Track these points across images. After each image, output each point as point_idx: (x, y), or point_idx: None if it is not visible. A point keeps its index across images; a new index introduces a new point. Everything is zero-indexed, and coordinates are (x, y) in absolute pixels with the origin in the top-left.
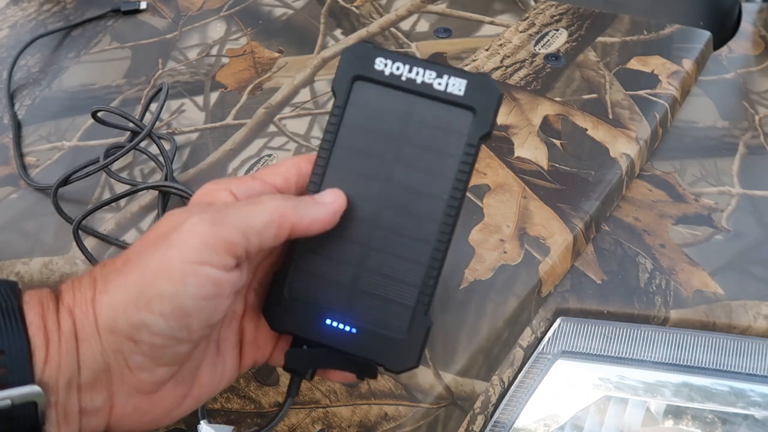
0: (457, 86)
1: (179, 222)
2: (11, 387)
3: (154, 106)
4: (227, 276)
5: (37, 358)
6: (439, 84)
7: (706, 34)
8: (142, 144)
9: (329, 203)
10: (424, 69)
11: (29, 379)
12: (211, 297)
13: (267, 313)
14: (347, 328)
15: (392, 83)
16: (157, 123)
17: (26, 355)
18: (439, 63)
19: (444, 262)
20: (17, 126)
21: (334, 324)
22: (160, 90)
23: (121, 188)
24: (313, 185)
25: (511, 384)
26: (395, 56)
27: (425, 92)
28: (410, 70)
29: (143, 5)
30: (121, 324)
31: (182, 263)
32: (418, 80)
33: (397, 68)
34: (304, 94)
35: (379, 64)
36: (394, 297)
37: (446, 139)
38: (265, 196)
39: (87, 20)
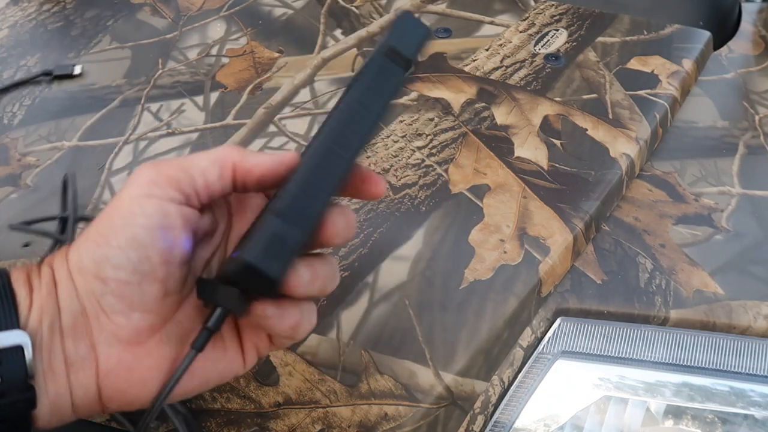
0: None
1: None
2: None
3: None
4: (176, 208)
5: (23, 306)
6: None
7: (706, 34)
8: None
9: (277, 153)
10: None
11: (15, 325)
12: (162, 227)
13: (198, 284)
14: (234, 254)
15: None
16: (157, 123)
17: (11, 304)
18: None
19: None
20: None
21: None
22: (66, 182)
23: None
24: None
25: (511, 384)
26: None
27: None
28: None
29: (77, 70)
30: (86, 262)
31: (129, 198)
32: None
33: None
34: (304, 94)
35: None
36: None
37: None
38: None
39: (14, 84)
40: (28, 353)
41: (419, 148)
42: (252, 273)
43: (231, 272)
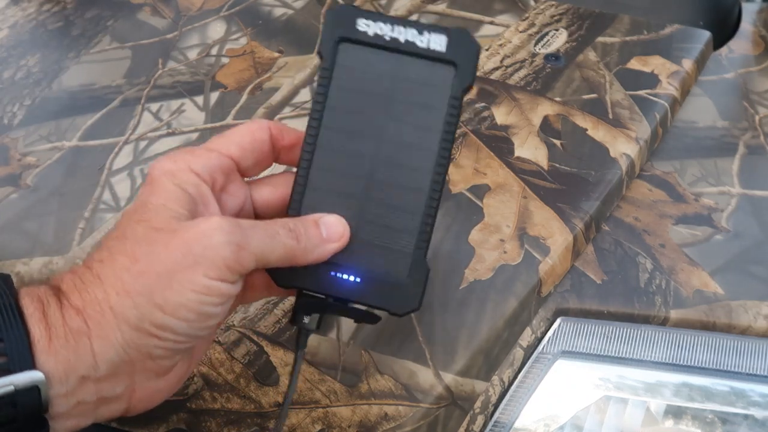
0: (438, 42)
1: (201, 235)
2: (13, 374)
3: None
4: (236, 288)
5: (39, 347)
6: (422, 41)
7: (706, 34)
8: None
9: (334, 242)
10: (406, 27)
11: (30, 366)
12: (224, 303)
13: (273, 271)
14: (352, 278)
15: (377, 43)
16: (157, 123)
17: (26, 344)
18: (417, 21)
19: (437, 210)
20: None
21: (339, 275)
22: None
23: (121, 190)
24: (308, 148)
25: (511, 384)
26: (376, 16)
27: (409, 50)
28: (392, 29)
29: None
30: (146, 324)
31: (206, 279)
32: (401, 39)
33: (380, 28)
34: (304, 94)
35: (362, 25)
36: (393, 245)
37: (432, 93)
38: (280, 228)
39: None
40: (44, 392)
41: None
42: (405, 312)
43: (378, 308)
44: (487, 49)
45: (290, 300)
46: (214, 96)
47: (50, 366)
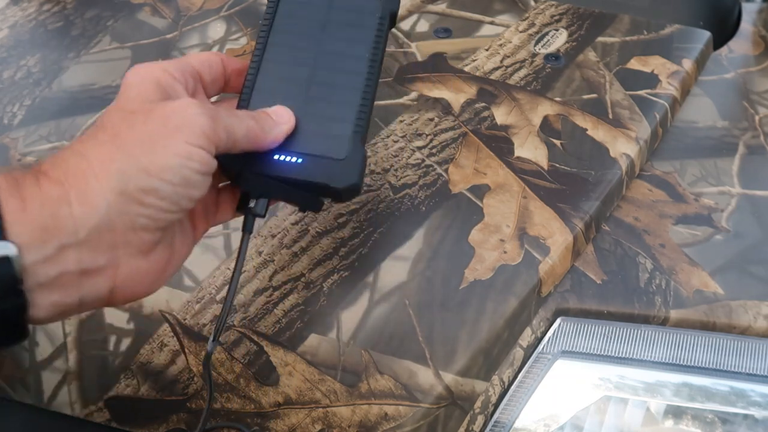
0: None
1: (177, 110)
2: None
3: None
4: (213, 160)
5: (11, 218)
6: None
7: (706, 34)
8: None
9: (284, 124)
10: None
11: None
12: (205, 174)
13: (223, 159)
14: (294, 159)
15: None
16: None
17: None
18: None
19: (371, 106)
20: None
21: (283, 158)
22: None
23: None
24: (255, 59)
25: (511, 384)
26: None
27: None
28: None
29: None
30: (131, 187)
31: (187, 144)
32: None
33: None
34: None
35: None
36: (333, 131)
37: (362, 17)
38: (241, 112)
39: None
40: (17, 263)
41: (419, 148)
42: (350, 189)
43: (320, 186)
44: (487, 49)
45: (289, 300)
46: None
47: (25, 235)
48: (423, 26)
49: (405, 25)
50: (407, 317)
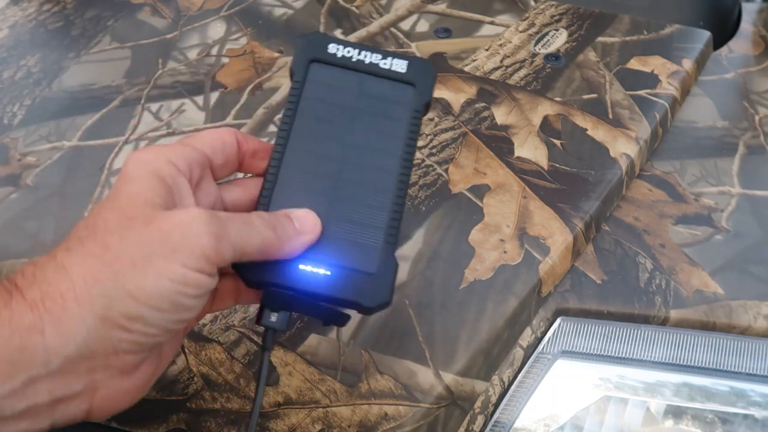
0: (399, 66)
1: (177, 225)
2: None
3: None
4: (212, 280)
5: None
6: (384, 64)
7: (706, 34)
8: None
9: (308, 234)
10: (371, 52)
11: None
12: (202, 297)
13: (241, 267)
14: (322, 271)
15: (344, 63)
16: (157, 123)
17: None
18: (382, 48)
19: (403, 209)
20: None
21: (309, 269)
22: None
23: None
24: (278, 149)
25: (511, 384)
26: (346, 42)
27: (373, 71)
28: (359, 53)
29: None
30: (114, 314)
31: (183, 268)
32: (366, 61)
33: (348, 51)
34: None
35: (332, 48)
36: (362, 240)
37: (395, 107)
38: (256, 218)
39: None
40: None
41: (419, 148)
42: (381, 307)
43: (348, 302)
44: (487, 49)
45: None
46: (214, 96)
47: None
48: (423, 26)
49: (405, 25)
50: (407, 317)
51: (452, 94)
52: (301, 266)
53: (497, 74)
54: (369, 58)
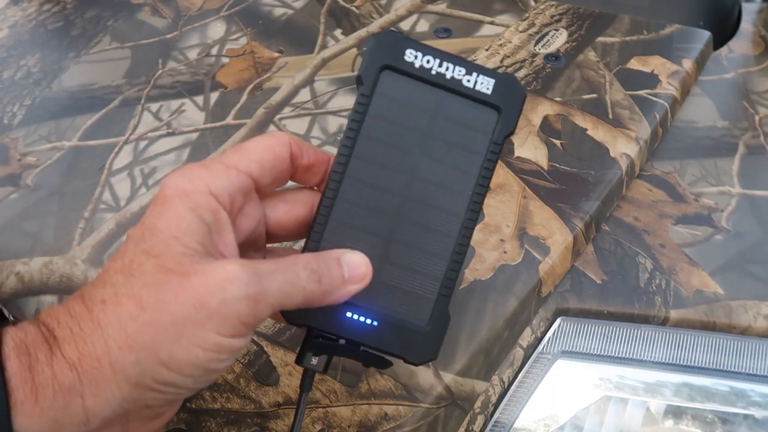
0: (485, 85)
1: (216, 287)
2: None
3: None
4: (247, 340)
5: (22, 409)
6: (468, 81)
7: (706, 34)
8: None
9: (357, 283)
10: (455, 65)
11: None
12: (233, 358)
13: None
14: (368, 321)
15: (422, 76)
16: (157, 123)
17: (4, 408)
18: (467, 60)
19: (464, 258)
20: None
21: (355, 317)
22: None
23: (121, 190)
24: (335, 176)
25: (511, 384)
26: (426, 49)
27: (454, 88)
28: (440, 65)
29: None
30: (147, 381)
31: (218, 336)
32: (448, 75)
33: (428, 61)
34: (304, 94)
35: (409, 55)
36: (416, 290)
37: (473, 136)
38: (302, 270)
39: None
40: None
41: None
42: (422, 362)
43: (393, 355)
44: (487, 49)
45: None
46: (214, 96)
47: (34, 428)
48: (423, 26)
49: (405, 25)
50: None
51: None
52: (348, 314)
53: None
54: (451, 72)
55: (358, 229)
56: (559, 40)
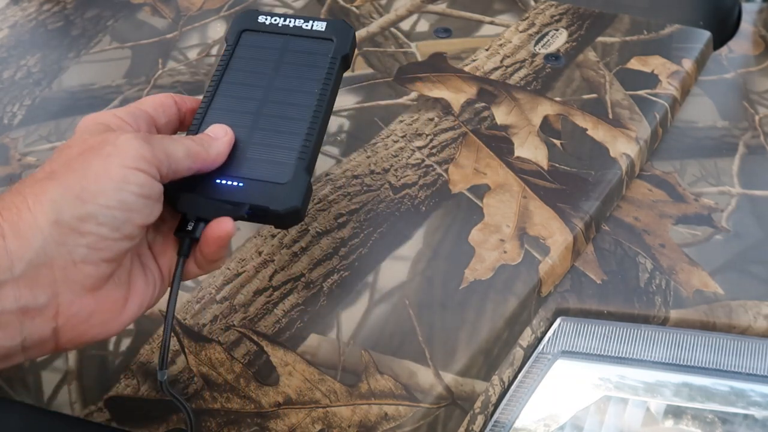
0: (320, 26)
1: (110, 139)
2: None
3: None
4: (157, 184)
5: None
6: (306, 26)
7: (706, 34)
8: None
9: (222, 137)
10: (295, 18)
11: None
12: (147, 197)
13: (167, 187)
14: (235, 183)
15: (271, 30)
16: None
17: None
18: (305, 16)
19: (319, 139)
20: None
21: (223, 181)
22: None
23: None
24: (208, 94)
25: (511, 384)
26: (274, 13)
27: (296, 33)
28: (285, 20)
29: None
30: (66, 216)
31: (122, 167)
32: (291, 25)
33: (275, 19)
34: None
35: (261, 18)
36: (277, 158)
37: (314, 58)
38: (177, 136)
39: None
40: None
41: (419, 148)
42: (291, 213)
43: (260, 209)
44: (487, 49)
45: (289, 300)
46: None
47: None
48: (423, 26)
49: (405, 25)
50: (407, 317)
51: (452, 94)
52: (217, 180)
53: (497, 74)
54: (293, 22)
55: (226, 123)
56: (559, 40)
